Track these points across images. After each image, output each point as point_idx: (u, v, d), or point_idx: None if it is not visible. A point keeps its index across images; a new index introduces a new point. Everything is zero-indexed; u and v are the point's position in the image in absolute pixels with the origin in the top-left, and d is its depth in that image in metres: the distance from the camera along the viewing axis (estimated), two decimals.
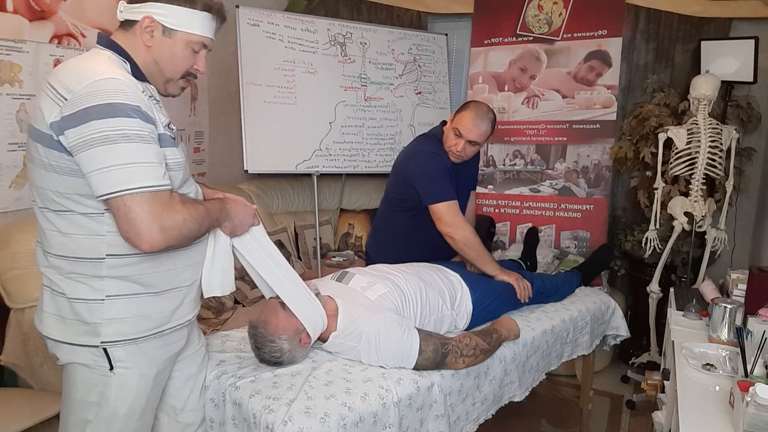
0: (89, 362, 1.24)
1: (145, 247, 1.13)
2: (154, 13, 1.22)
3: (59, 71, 1.17)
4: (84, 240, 1.19)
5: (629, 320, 2.66)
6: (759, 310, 1.78)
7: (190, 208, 1.21)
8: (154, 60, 1.26)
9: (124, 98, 1.12)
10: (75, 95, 1.10)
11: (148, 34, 1.24)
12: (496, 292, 2.07)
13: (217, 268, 1.40)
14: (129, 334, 1.25)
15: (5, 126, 2.21)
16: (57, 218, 1.20)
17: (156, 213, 1.12)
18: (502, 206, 3.57)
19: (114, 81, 1.13)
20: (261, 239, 1.50)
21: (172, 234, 1.16)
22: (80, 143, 1.09)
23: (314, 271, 3.32)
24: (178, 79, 1.33)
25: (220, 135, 3.54)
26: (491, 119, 2.22)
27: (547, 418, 2.75)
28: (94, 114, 1.09)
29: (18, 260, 2.08)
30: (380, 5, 3.91)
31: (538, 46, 3.48)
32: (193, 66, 1.32)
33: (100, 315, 1.22)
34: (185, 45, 1.27)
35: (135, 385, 1.28)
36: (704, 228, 2.81)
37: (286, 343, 1.53)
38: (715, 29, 3.19)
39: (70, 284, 1.22)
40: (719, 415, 1.31)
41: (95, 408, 1.27)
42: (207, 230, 1.31)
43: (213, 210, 1.31)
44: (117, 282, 1.22)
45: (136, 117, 1.13)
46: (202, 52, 1.31)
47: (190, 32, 1.26)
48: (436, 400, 1.57)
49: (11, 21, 2.20)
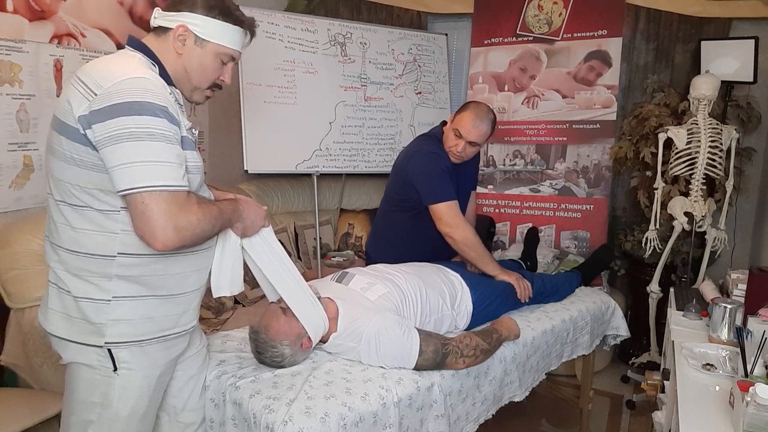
0: (93, 362, 1.25)
1: (159, 246, 1.14)
2: (188, 22, 1.26)
3: (90, 67, 1.18)
4: (96, 237, 1.20)
5: (629, 320, 2.66)
6: (759, 310, 1.78)
7: (204, 209, 1.22)
8: (184, 68, 1.29)
9: (152, 98, 1.14)
10: (104, 91, 1.12)
11: (180, 42, 1.27)
12: (496, 292, 2.08)
13: (226, 268, 1.41)
14: (134, 335, 1.25)
15: (5, 126, 2.21)
16: (72, 212, 1.21)
17: (172, 213, 1.14)
18: (502, 206, 3.57)
19: (143, 80, 1.16)
20: (270, 241, 1.50)
21: (186, 235, 1.17)
22: (106, 138, 1.11)
23: (314, 271, 3.32)
24: (205, 89, 1.35)
25: (220, 135, 3.54)
26: (491, 120, 2.22)
27: (547, 418, 2.75)
28: (122, 110, 1.11)
29: (18, 260, 2.08)
30: (380, 5, 3.91)
31: (538, 46, 3.48)
32: (219, 77, 1.35)
33: (105, 315, 1.22)
34: (215, 56, 1.30)
35: (138, 387, 1.28)
36: (704, 228, 2.81)
37: (288, 348, 1.53)
38: (715, 29, 3.19)
39: (77, 282, 1.22)
40: (719, 415, 1.31)
41: (98, 408, 1.27)
42: (220, 230, 1.32)
43: (226, 210, 1.32)
44: (125, 283, 1.23)
45: (163, 117, 1.15)
46: (229, 64, 1.35)
47: (221, 44, 1.29)
48: (436, 400, 1.57)
49: (11, 21, 2.20)
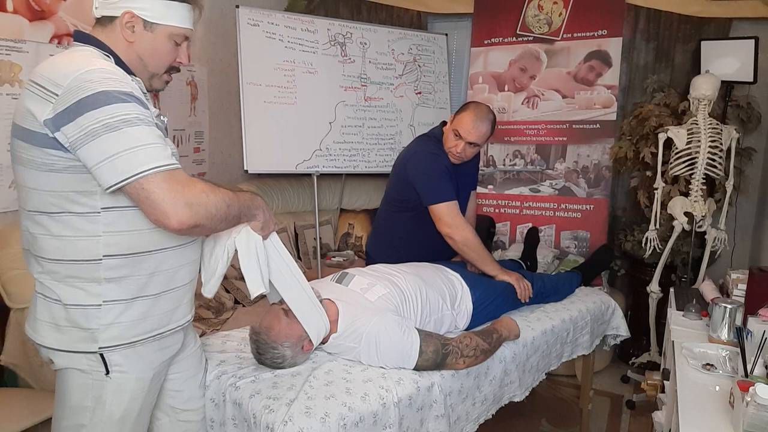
0: (84, 367, 1.21)
1: (174, 224, 1.09)
2: (133, 7, 1.19)
3: (41, 68, 1.12)
4: (79, 242, 1.16)
5: (629, 320, 2.65)
6: (759, 310, 1.78)
7: (214, 188, 1.17)
8: (138, 55, 1.24)
9: (115, 85, 1.10)
10: (64, 89, 1.07)
11: (129, 29, 1.21)
12: (496, 292, 2.08)
13: (254, 266, 1.37)
14: (128, 337, 1.22)
15: (5, 126, 2.20)
16: (50, 221, 1.16)
17: (176, 190, 1.09)
18: (502, 206, 3.57)
19: (101, 71, 1.11)
20: (277, 245, 1.48)
21: (200, 210, 1.11)
22: (80, 137, 1.06)
23: (314, 271, 3.32)
24: (162, 74, 1.30)
25: (220, 135, 3.54)
26: (491, 120, 2.22)
27: (547, 418, 2.75)
28: (89, 105, 1.06)
29: (18, 260, 2.07)
30: (380, 5, 3.91)
31: (538, 46, 3.48)
32: (176, 59, 1.30)
33: (97, 320, 1.19)
34: (167, 38, 1.25)
35: (131, 389, 1.26)
36: (704, 228, 2.81)
37: (289, 350, 1.53)
38: (715, 29, 3.19)
39: (67, 289, 1.18)
40: (719, 415, 1.31)
41: (89, 413, 1.24)
42: (237, 216, 1.25)
43: (243, 196, 1.27)
44: (114, 285, 1.20)
45: (132, 101, 1.10)
46: (184, 45, 1.29)
47: (171, 24, 1.24)
48: (436, 400, 1.57)
49: (11, 21, 2.20)
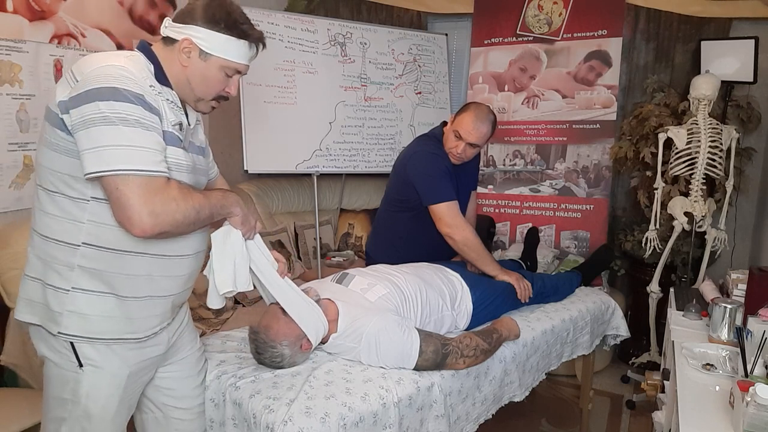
0: (56, 359, 1.25)
1: (136, 231, 1.13)
2: (193, 36, 1.25)
3: (82, 59, 1.20)
4: (64, 223, 1.20)
5: (629, 320, 2.66)
6: (759, 310, 1.78)
7: (186, 195, 1.20)
8: (187, 79, 1.29)
9: (129, 85, 1.14)
10: (84, 77, 1.13)
11: (185, 54, 1.27)
12: (496, 292, 2.08)
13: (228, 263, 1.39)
14: (91, 332, 1.23)
15: (5, 126, 2.21)
16: (45, 197, 1.21)
17: (147, 198, 1.12)
18: (502, 206, 3.57)
19: (122, 69, 1.16)
20: (260, 246, 1.50)
21: (165, 220, 1.14)
22: (80, 122, 1.11)
23: (314, 271, 3.32)
24: (210, 100, 1.35)
25: (220, 135, 3.54)
26: (491, 121, 2.22)
27: (547, 418, 2.75)
28: (97, 95, 1.11)
29: (18, 260, 2.07)
30: (380, 5, 3.91)
31: (538, 46, 3.48)
32: (225, 89, 1.34)
33: (62, 305, 1.22)
34: (219, 69, 1.29)
35: (107, 385, 1.27)
36: (704, 228, 2.81)
37: (287, 348, 1.53)
38: (715, 29, 3.19)
39: (45, 269, 1.23)
40: (719, 415, 1.31)
41: (69, 405, 1.26)
42: (208, 218, 1.28)
43: (214, 196, 1.30)
44: (86, 275, 1.22)
45: (139, 104, 1.14)
46: (235, 77, 1.34)
47: (225, 58, 1.28)
48: (436, 400, 1.57)
49: (11, 21, 2.20)
